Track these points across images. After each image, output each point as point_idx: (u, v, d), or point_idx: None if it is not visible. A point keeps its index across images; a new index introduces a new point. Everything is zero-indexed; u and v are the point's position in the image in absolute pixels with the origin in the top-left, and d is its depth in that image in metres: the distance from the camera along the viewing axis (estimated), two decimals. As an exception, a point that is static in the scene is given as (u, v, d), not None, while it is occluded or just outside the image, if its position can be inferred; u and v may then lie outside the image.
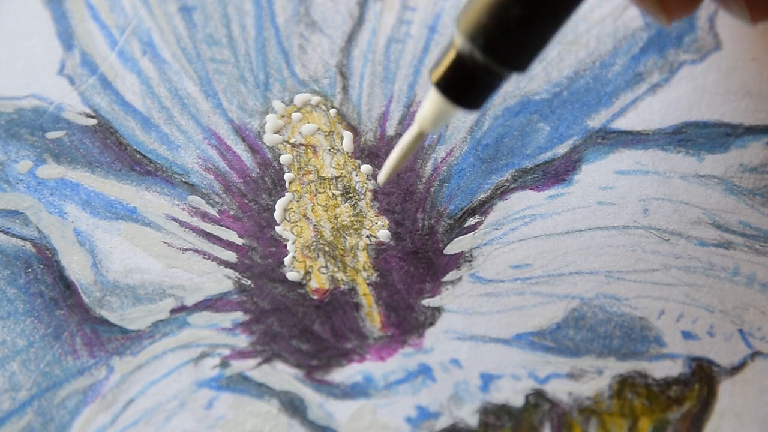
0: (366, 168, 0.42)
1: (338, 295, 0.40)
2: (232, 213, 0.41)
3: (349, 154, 0.42)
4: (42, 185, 0.41)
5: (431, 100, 0.36)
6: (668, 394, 0.38)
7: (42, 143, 0.42)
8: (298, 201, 0.41)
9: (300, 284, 0.40)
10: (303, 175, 0.42)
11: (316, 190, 0.42)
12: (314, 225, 0.41)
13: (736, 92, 0.43)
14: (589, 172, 0.42)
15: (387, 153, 0.42)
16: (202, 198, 0.41)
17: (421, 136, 0.37)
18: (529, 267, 0.40)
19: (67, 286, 0.40)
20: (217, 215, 0.41)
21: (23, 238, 0.40)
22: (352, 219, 0.41)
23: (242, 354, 0.38)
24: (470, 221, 0.41)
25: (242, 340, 0.39)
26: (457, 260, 0.40)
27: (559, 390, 0.38)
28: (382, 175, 0.39)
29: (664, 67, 0.44)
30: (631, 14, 0.44)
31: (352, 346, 0.39)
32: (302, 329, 0.39)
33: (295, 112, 0.43)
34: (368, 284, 0.40)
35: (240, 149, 0.42)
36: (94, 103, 0.43)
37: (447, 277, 0.40)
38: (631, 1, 0.37)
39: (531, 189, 0.42)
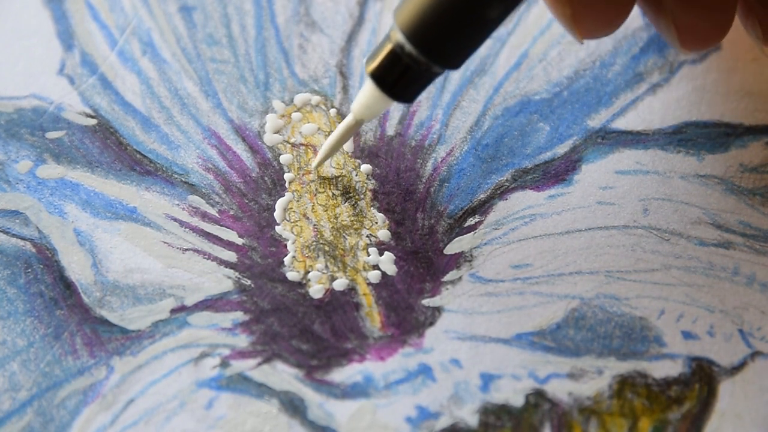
0: (366, 168, 0.42)
1: (338, 295, 0.40)
2: (232, 213, 0.41)
3: (349, 153, 0.42)
4: (42, 185, 0.41)
5: (366, 91, 0.37)
6: (668, 394, 0.38)
7: (42, 143, 0.42)
8: (298, 201, 0.41)
9: (300, 284, 0.40)
10: (303, 174, 0.42)
11: (316, 189, 0.42)
12: (314, 225, 0.41)
13: (736, 92, 0.43)
14: (589, 172, 0.42)
15: (387, 153, 0.42)
16: (202, 198, 0.41)
17: (357, 125, 0.39)
18: (529, 267, 0.40)
19: (67, 286, 0.40)
20: (217, 215, 0.41)
21: (23, 238, 0.40)
22: (352, 219, 0.41)
23: (242, 354, 0.38)
24: (470, 221, 0.41)
25: (242, 340, 0.39)
26: (457, 260, 0.40)
27: (559, 390, 0.38)
28: (316, 161, 0.41)
29: (664, 67, 0.44)
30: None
31: (352, 346, 0.39)
32: (302, 329, 0.39)
33: (295, 111, 0.43)
34: (368, 284, 0.40)
35: (240, 149, 0.42)
36: (94, 103, 0.43)
37: (447, 277, 0.40)
38: (549, 9, 0.37)
39: (531, 189, 0.42)
